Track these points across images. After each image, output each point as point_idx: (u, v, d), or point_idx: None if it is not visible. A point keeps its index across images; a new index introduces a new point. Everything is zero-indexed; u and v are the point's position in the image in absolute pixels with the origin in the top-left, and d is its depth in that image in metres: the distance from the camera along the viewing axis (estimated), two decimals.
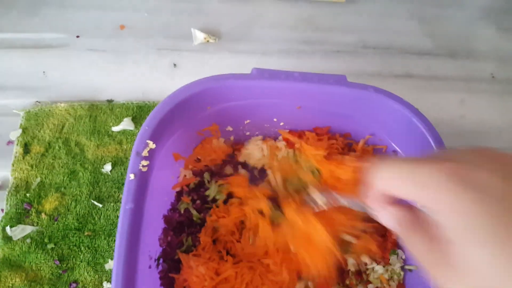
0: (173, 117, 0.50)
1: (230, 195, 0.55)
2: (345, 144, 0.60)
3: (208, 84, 0.49)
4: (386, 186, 0.31)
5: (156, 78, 0.67)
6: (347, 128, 0.59)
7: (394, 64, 0.73)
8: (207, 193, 0.55)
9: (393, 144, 0.57)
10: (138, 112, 0.63)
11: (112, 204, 0.57)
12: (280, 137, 0.61)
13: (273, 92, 0.52)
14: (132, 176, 0.45)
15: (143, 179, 0.46)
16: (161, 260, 0.51)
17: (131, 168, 0.46)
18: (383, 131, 0.57)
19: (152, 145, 0.47)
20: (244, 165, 0.59)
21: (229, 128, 0.60)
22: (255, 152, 0.60)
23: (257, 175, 0.58)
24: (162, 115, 0.48)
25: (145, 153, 0.47)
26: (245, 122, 0.59)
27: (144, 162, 0.46)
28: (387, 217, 0.33)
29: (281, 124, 0.59)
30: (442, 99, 0.72)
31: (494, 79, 0.73)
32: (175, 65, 0.69)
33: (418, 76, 0.73)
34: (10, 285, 0.52)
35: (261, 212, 0.50)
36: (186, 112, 0.51)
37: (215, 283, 0.48)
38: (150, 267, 0.48)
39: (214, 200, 0.55)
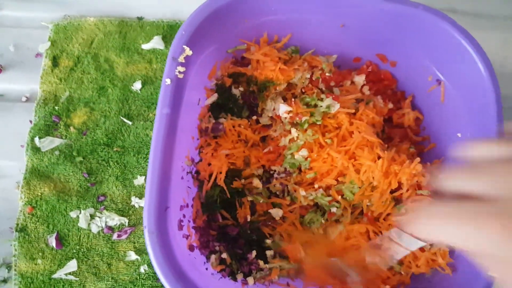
0: (210, 25, 0.47)
1: None
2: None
3: None
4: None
5: None
6: (388, 57, 0.56)
7: None
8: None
9: (437, 73, 0.54)
10: (169, 31, 0.60)
11: (141, 122, 0.56)
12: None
13: (316, 5, 0.49)
14: (168, 81, 0.44)
15: (179, 86, 0.45)
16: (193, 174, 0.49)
17: (167, 73, 0.44)
18: (428, 58, 0.54)
19: (188, 51, 0.45)
20: None
21: None
22: None
23: None
24: (199, 21, 0.46)
25: (181, 59, 0.45)
26: None
27: (181, 69, 0.44)
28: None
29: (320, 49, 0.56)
30: (484, 38, 0.68)
31: None
32: None
33: (462, 12, 0.68)
34: (39, 193, 0.52)
35: None
36: (223, 21, 0.48)
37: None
38: (182, 178, 0.47)
39: None
